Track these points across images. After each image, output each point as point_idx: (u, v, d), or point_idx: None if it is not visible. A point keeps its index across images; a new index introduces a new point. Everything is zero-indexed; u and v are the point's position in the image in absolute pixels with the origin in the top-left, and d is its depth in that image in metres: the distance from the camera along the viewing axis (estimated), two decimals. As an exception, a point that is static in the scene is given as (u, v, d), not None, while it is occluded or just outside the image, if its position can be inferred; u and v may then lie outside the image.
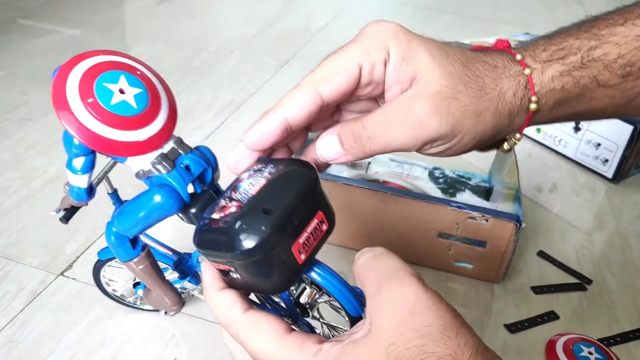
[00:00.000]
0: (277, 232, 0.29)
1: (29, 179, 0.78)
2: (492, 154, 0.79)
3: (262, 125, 0.34)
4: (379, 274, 0.30)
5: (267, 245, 0.29)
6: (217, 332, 0.57)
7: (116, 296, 0.57)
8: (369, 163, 0.78)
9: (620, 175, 0.87)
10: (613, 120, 0.85)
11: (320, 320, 0.41)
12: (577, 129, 0.90)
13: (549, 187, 0.87)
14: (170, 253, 0.51)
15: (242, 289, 0.33)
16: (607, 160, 0.88)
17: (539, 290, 0.66)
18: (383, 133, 0.33)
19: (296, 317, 0.39)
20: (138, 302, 0.58)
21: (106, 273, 0.54)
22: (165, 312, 0.53)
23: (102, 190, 0.44)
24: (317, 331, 0.42)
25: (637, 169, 0.89)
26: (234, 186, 0.33)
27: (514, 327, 0.60)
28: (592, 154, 0.89)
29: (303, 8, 1.57)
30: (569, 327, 0.61)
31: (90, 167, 0.39)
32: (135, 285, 0.56)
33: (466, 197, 0.73)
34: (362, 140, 0.34)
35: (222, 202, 0.32)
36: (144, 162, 0.37)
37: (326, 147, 0.35)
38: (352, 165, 0.77)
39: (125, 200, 0.41)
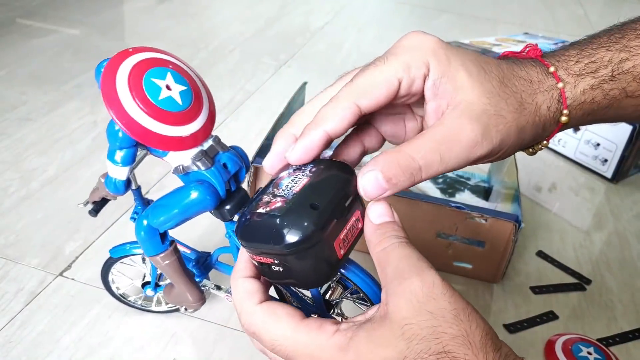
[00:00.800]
0: (323, 226, 0.30)
1: (29, 179, 0.78)
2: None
3: (305, 141, 0.34)
4: (400, 262, 0.31)
5: (314, 238, 0.30)
6: (217, 332, 0.57)
7: (119, 295, 0.57)
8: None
9: (619, 175, 0.87)
10: (612, 120, 0.85)
11: (342, 317, 0.43)
12: (576, 129, 0.90)
13: (548, 187, 0.87)
14: (188, 251, 0.52)
15: (280, 283, 0.35)
16: (606, 160, 0.88)
17: (538, 290, 0.66)
18: (439, 161, 0.33)
19: (323, 313, 0.41)
20: (139, 302, 0.58)
21: (115, 270, 0.55)
22: (186, 309, 0.53)
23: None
24: None
25: (636, 168, 0.89)
26: (275, 183, 0.34)
27: (513, 327, 0.60)
28: (591, 153, 0.90)
29: (302, 8, 1.57)
30: (568, 327, 0.61)
31: (132, 159, 0.39)
32: (144, 285, 0.56)
33: (465, 197, 0.73)
34: (413, 171, 0.32)
35: (266, 198, 0.33)
36: (185, 157, 0.38)
37: (371, 185, 0.32)
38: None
39: (160, 197, 0.42)
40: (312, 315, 0.35)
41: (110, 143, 0.38)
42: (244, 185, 0.69)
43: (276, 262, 0.32)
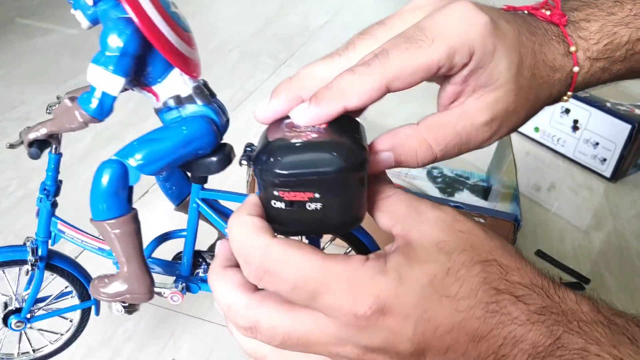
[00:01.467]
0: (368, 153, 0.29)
1: (27, 179, 0.78)
2: (490, 153, 0.79)
3: (321, 112, 0.30)
4: (411, 201, 0.30)
5: (367, 162, 0.29)
6: (216, 332, 0.57)
7: None
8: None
9: (618, 174, 0.87)
10: (611, 119, 0.85)
11: None
12: (575, 128, 0.91)
13: (547, 186, 0.87)
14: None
15: (303, 230, 0.31)
16: (605, 159, 0.88)
17: (537, 289, 0.66)
18: (455, 153, 0.32)
19: None
20: None
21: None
22: (126, 308, 0.43)
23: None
24: None
25: (635, 167, 0.89)
26: (289, 124, 0.31)
27: (512, 326, 0.60)
28: (590, 153, 0.90)
29: (301, 7, 1.57)
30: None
31: (130, 71, 0.33)
32: (8, 316, 0.46)
33: (464, 196, 0.73)
34: (428, 160, 0.32)
35: (290, 134, 0.30)
36: (185, 87, 0.34)
37: (383, 164, 0.31)
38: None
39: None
40: None
41: (107, 48, 0.32)
42: (243, 186, 0.69)
43: (317, 196, 0.28)
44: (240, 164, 0.33)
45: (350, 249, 0.43)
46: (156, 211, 0.58)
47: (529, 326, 0.26)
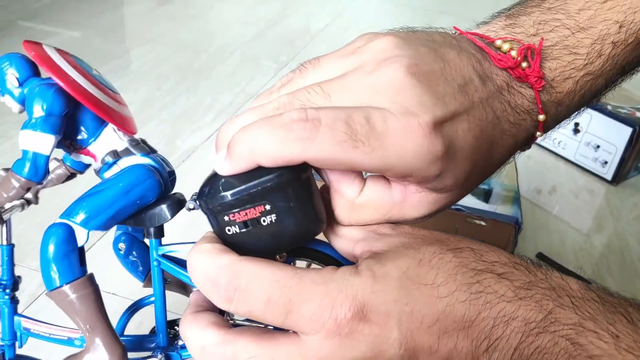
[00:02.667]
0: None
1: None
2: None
3: (234, 166, 0.28)
4: (366, 229, 0.30)
5: (308, 168, 0.28)
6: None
7: None
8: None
9: (619, 177, 0.87)
10: (612, 122, 0.85)
11: None
12: (576, 131, 0.91)
13: (548, 189, 0.87)
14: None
15: (263, 249, 0.30)
16: (606, 162, 0.88)
17: (538, 292, 0.66)
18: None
19: None
20: None
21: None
22: None
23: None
24: None
25: (636, 170, 0.89)
26: None
27: (513, 329, 0.60)
28: (591, 155, 0.90)
29: (303, 9, 1.57)
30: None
31: (61, 128, 0.32)
32: None
33: (465, 199, 0.73)
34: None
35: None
36: (120, 142, 0.34)
37: None
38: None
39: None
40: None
41: (34, 113, 0.32)
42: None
43: (267, 208, 0.27)
44: (189, 209, 0.31)
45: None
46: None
47: (517, 302, 0.24)
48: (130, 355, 0.39)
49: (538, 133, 0.33)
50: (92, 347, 0.36)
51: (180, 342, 0.43)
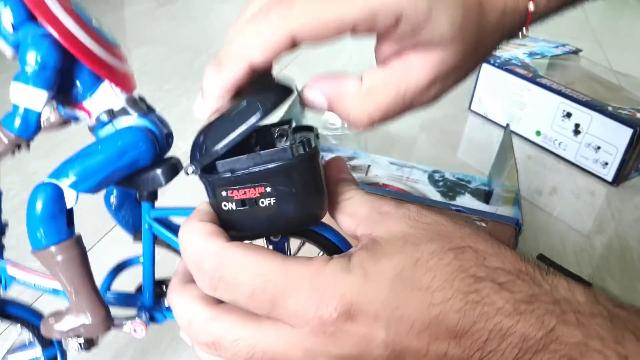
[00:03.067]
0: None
1: (29, 183, 0.77)
2: (492, 157, 0.79)
3: (223, 76, 0.27)
4: (374, 202, 0.28)
5: (318, 152, 0.28)
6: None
7: None
8: (369, 166, 0.78)
9: (620, 178, 0.87)
10: (613, 123, 0.85)
11: None
12: (576, 132, 0.91)
13: (548, 190, 0.87)
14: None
15: (258, 231, 0.29)
16: (606, 163, 0.88)
17: (538, 293, 0.66)
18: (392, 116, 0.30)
19: None
20: None
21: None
22: (82, 346, 0.38)
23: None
24: None
25: (636, 171, 0.89)
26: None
27: (513, 331, 0.60)
28: (591, 157, 0.90)
29: (303, 11, 1.57)
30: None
31: (54, 84, 0.31)
32: None
33: (466, 200, 0.73)
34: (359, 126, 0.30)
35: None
36: (116, 100, 0.32)
37: (316, 101, 0.29)
38: (352, 168, 0.77)
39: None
40: None
41: (26, 64, 0.30)
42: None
43: (268, 190, 0.27)
44: (187, 173, 0.31)
45: (321, 252, 0.42)
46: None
47: (516, 317, 0.23)
48: (115, 313, 0.39)
49: (531, 5, 0.31)
50: (76, 309, 0.36)
51: (166, 304, 0.42)
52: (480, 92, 1.05)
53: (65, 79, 0.32)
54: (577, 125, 0.90)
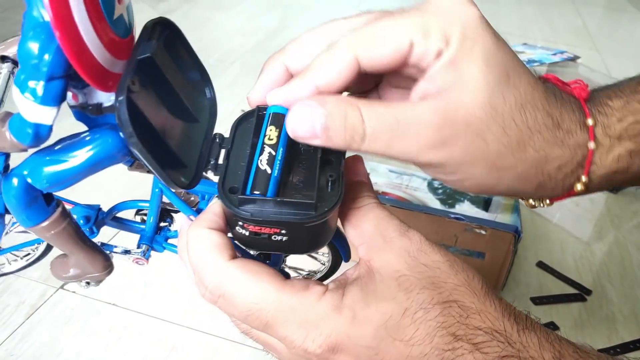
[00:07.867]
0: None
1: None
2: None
3: (288, 93, 0.28)
4: (381, 221, 0.28)
5: (336, 208, 0.28)
6: (216, 345, 0.57)
7: None
8: (368, 174, 0.78)
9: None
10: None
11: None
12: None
13: (548, 197, 0.87)
14: (70, 206, 0.42)
15: (267, 251, 0.30)
16: (605, 170, 0.88)
17: (538, 301, 0.66)
18: (386, 141, 0.27)
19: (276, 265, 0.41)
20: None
21: None
22: (88, 284, 0.42)
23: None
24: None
25: (635, 178, 0.89)
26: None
27: (513, 338, 0.60)
28: (590, 163, 0.90)
29: (302, 20, 1.58)
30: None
31: (63, 93, 0.28)
32: None
33: (465, 207, 0.73)
34: (355, 135, 0.27)
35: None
36: (108, 97, 0.30)
37: (301, 122, 0.27)
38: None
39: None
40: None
41: (30, 75, 0.27)
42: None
43: (282, 232, 0.27)
44: (205, 171, 0.31)
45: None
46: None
47: None
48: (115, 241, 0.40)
49: (591, 144, 0.29)
50: (76, 263, 0.39)
51: (170, 229, 0.45)
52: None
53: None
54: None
